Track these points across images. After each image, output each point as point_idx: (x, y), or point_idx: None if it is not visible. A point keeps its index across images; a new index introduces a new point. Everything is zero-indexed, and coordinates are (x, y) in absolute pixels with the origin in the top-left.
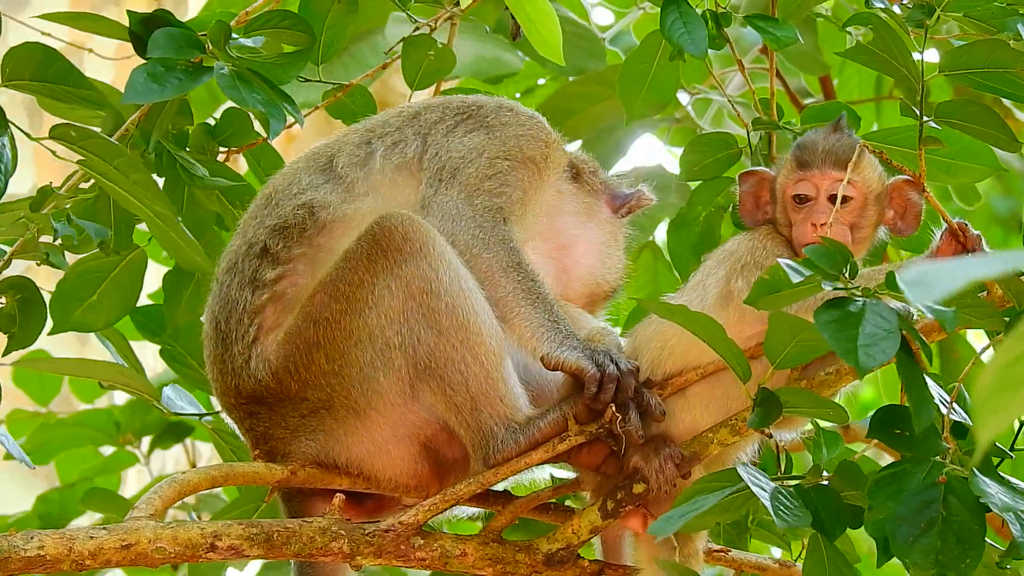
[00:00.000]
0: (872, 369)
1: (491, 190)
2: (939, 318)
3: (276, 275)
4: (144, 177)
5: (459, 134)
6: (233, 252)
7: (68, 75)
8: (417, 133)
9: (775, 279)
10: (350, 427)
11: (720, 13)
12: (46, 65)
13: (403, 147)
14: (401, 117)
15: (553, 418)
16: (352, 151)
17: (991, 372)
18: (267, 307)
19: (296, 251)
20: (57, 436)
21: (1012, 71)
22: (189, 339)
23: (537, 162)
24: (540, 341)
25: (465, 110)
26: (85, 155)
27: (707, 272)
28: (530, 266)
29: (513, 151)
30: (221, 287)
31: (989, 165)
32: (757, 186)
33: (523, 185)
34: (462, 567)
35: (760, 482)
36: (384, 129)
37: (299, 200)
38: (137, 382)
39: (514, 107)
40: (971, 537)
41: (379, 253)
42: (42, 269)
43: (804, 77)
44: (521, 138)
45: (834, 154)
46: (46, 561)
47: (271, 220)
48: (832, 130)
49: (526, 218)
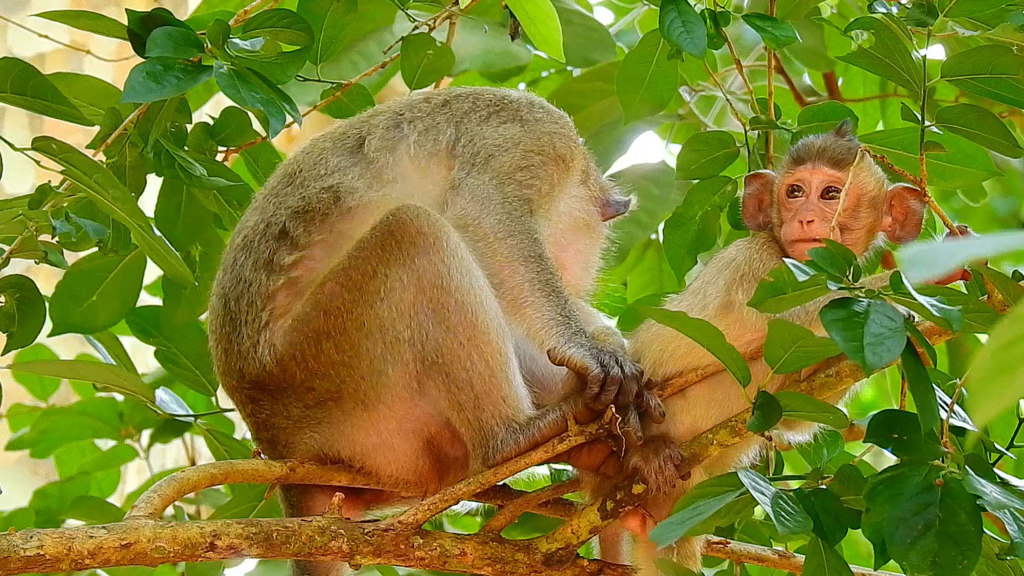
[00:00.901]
0: (878, 368)
1: (522, 181)
2: (944, 317)
3: (293, 260)
4: (122, 193)
5: (493, 124)
6: (250, 229)
7: (45, 90)
8: (449, 121)
9: (779, 281)
10: (356, 419)
11: (719, 12)
12: (24, 79)
13: (436, 134)
14: (431, 104)
15: (553, 418)
16: (383, 134)
17: (987, 355)
18: (281, 292)
19: (316, 237)
20: (60, 425)
21: (1014, 77)
22: (184, 340)
23: (566, 160)
24: (549, 334)
25: (497, 102)
26: (68, 168)
27: (706, 280)
28: (550, 259)
29: (546, 147)
30: (235, 264)
31: (984, 169)
32: (761, 189)
33: (552, 180)
34: (461, 566)
35: (761, 487)
36: (414, 113)
37: (325, 183)
38: (131, 383)
39: (545, 104)
40: (968, 539)
41: (393, 245)
42: (41, 271)
43: (809, 74)
44: (554, 135)
45: (829, 152)
46: (45, 560)
47: (293, 201)
48: (834, 133)
49: (550, 214)
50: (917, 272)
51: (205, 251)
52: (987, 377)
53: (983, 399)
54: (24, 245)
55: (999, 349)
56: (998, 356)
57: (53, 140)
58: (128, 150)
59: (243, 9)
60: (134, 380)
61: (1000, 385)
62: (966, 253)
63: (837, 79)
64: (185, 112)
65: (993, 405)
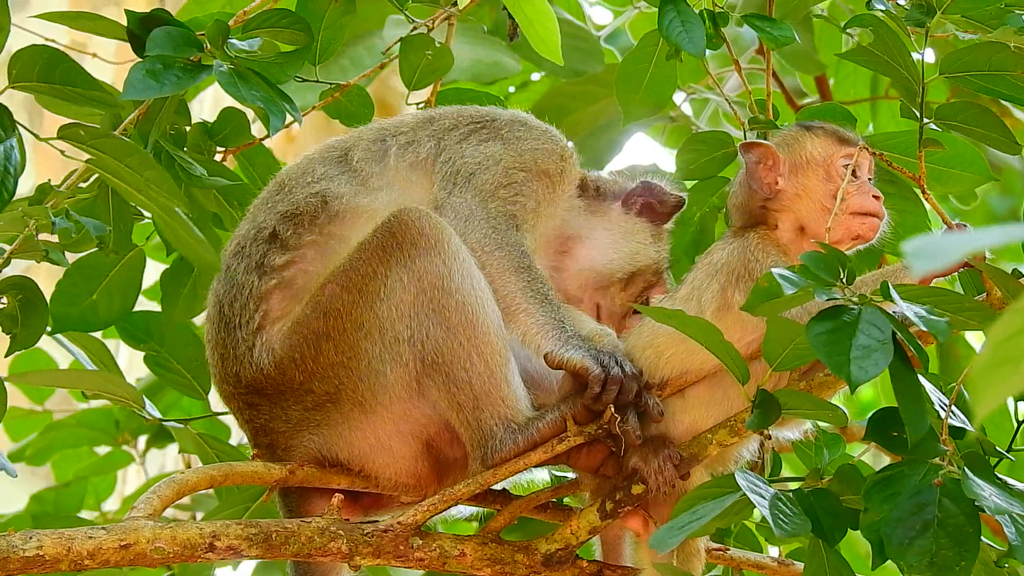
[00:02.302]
0: (863, 383)
1: (505, 198)
2: (931, 328)
3: (285, 261)
4: (157, 174)
5: (473, 142)
6: (241, 236)
7: (75, 76)
8: (431, 136)
9: (772, 285)
10: (355, 421)
11: (717, 12)
12: (52, 66)
13: (416, 147)
14: (415, 119)
15: (552, 419)
16: (367, 146)
17: (988, 347)
18: (274, 293)
19: (306, 238)
20: (57, 437)
21: (1012, 73)
22: (176, 345)
23: (552, 176)
24: (545, 339)
25: (479, 120)
26: (95, 154)
27: (698, 285)
28: (539, 270)
29: (529, 163)
30: (227, 270)
31: (981, 173)
32: (763, 155)
33: (537, 197)
34: (460, 567)
35: (759, 489)
36: (398, 128)
37: (312, 189)
38: (123, 390)
39: (528, 120)
40: (966, 539)
41: (394, 246)
42: (41, 271)
43: (800, 77)
44: (537, 151)
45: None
46: (45, 561)
47: (282, 206)
48: None
49: (537, 229)
50: (922, 264)
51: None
52: (989, 368)
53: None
54: (25, 245)
55: (1001, 342)
56: (1000, 348)
57: (81, 126)
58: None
59: (242, 10)
60: (127, 387)
61: (1002, 376)
62: (970, 245)
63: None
64: (185, 113)
65: (995, 396)
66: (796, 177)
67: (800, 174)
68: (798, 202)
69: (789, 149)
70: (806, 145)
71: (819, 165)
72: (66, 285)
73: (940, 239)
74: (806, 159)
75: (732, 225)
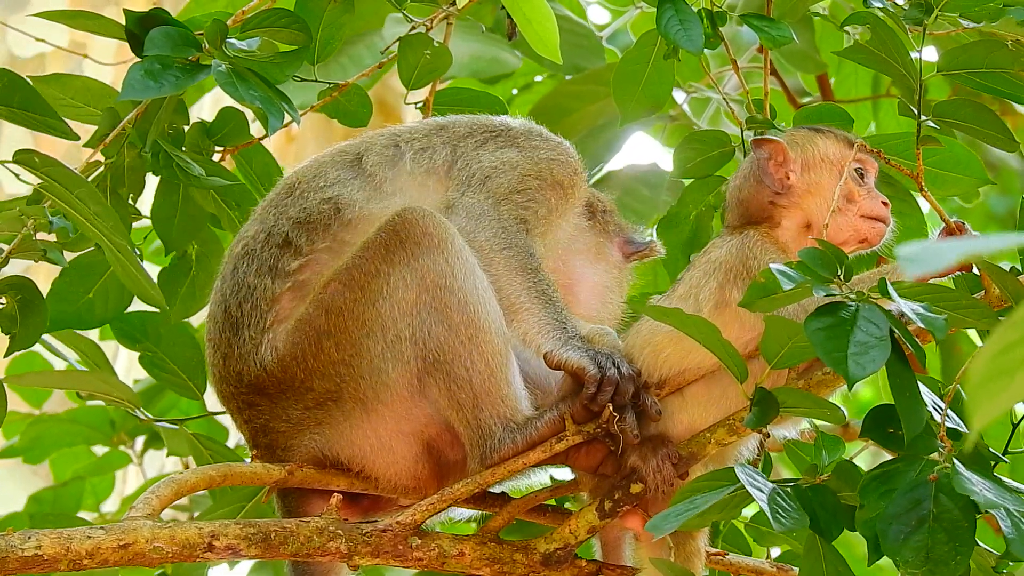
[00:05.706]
0: (861, 379)
1: (518, 202)
2: (928, 325)
3: (299, 265)
4: (103, 209)
5: (490, 148)
6: (250, 238)
7: (33, 102)
8: (446, 143)
9: (770, 281)
10: (356, 420)
11: (715, 12)
12: (11, 92)
13: (431, 153)
14: (427, 126)
15: (550, 418)
16: (380, 151)
17: (984, 359)
18: (286, 295)
19: (320, 244)
20: (52, 432)
21: (1010, 71)
22: (172, 345)
23: (565, 187)
24: (545, 339)
25: (494, 128)
26: (47, 182)
27: (696, 283)
28: (545, 272)
29: (544, 172)
30: (235, 271)
31: (978, 176)
32: (775, 151)
33: (549, 205)
34: (459, 567)
35: (757, 483)
36: (412, 135)
37: (325, 194)
38: (118, 391)
39: (542, 132)
40: (962, 535)
41: (397, 245)
42: (39, 271)
43: (801, 76)
44: (552, 161)
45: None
46: (43, 561)
47: (294, 212)
48: None
49: (546, 237)
50: (914, 269)
51: (202, 250)
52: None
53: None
54: (23, 244)
55: (997, 354)
56: (997, 360)
57: (36, 153)
58: (126, 150)
59: (241, 10)
60: (122, 388)
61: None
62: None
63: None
64: (183, 113)
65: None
66: (808, 174)
67: (813, 171)
68: (808, 199)
69: (801, 147)
70: (819, 144)
71: (833, 164)
72: (62, 283)
73: (932, 246)
74: (819, 158)
75: (729, 223)
